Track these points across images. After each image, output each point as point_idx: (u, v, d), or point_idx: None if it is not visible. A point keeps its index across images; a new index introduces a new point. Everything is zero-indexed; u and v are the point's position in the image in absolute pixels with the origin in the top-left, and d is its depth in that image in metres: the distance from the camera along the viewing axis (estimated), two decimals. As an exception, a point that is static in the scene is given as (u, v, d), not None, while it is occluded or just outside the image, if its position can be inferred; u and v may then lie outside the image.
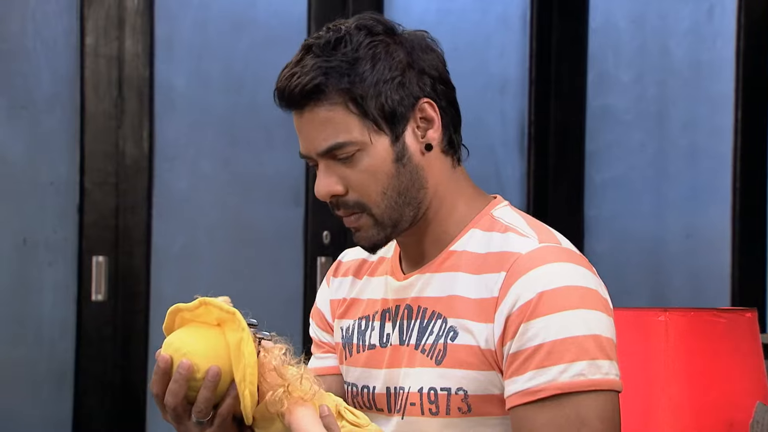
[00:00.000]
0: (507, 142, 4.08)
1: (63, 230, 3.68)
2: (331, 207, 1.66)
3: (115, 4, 3.69)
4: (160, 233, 3.75)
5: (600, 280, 1.64)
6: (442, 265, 1.66)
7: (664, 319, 1.86)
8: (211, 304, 1.51)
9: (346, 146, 1.62)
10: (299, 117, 1.64)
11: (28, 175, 3.67)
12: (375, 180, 1.62)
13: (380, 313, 1.70)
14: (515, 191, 4.07)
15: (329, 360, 1.79)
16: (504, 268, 1.60)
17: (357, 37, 1.62)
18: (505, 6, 4.08)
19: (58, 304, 3.69)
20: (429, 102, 1.65)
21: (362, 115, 1.62)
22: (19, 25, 3.67)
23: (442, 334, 1.62)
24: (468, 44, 4.03)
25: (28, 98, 3.67)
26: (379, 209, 1.63)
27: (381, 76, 1.61)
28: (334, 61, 1.61)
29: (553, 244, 1.61)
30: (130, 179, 3.71)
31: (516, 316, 1.57)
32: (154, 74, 3.73)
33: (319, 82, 1.60)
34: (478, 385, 1.59)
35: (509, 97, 4.08)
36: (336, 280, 1.80)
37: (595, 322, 1.56)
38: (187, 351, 1.49)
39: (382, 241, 1.66)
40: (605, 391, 1.55)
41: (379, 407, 1.68)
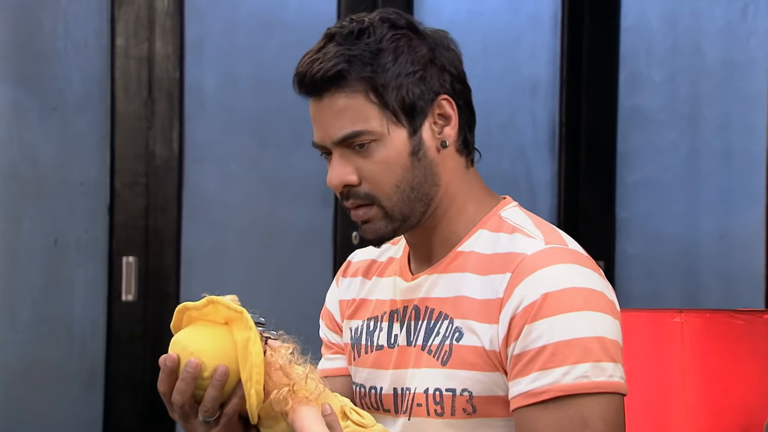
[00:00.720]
0: (538, 143, 4.07)
1: (93, 231, 3.71)
2: (340, 198, 1.66)
3: (145, 5, 3.72)
4: (190, 234, 3.77)
5: (607, 282, 1.63)
6: (449, 266, 1.66)
7: (680, 320, 1.86)
8: (219, 303, 1.52)
9: (364, 135, 1.62)
10: (317, 104, 1.64)
11: (59, 176, 3.70)
12: (389, 172, 1.62)
13: (388, 314, 1.71)
14: (546, 193, 4.06)
15: (338, 361, 1.79)
16: (509, 268, 1.60)
17: (380, 29, 1.63)
18: (536, 6, 4.07)
19: (89, 304, 3.72)
20: (447, 99, 1.65)
21: (382, 105, 1.62)
22: (51, 26, 3.70)
23: (449, 335, 1.63)
24: (498, 45, 4.03)
25: (59, 99, 3.70)
26: (391, 202, 1.63)
27: (403, 68, 1.61)
28: (357, 49, 1.61)
29: (559, 246, 1.61)
30: (160, 180, 3.73)
31: (520, 317, 1.57)
32: (184, 75, 3.75)
33: (342, 69, 1.60)
34: (482, 387, 1.60)
35: (540, 97, 4.08)
36: (345, 280, 1.80)
37: (600, 324, 1.56)
38: (195, 350, 1.50)
39: (389, 235, 1.65)
40: (609, 393, 1.55)
41: (386, 408, 1.69)
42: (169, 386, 1.54)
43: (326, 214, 3.85)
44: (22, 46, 3.70)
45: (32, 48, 3.70)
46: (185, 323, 1.55)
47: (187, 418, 1.55)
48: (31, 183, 3.69)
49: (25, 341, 3.68)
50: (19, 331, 3.68)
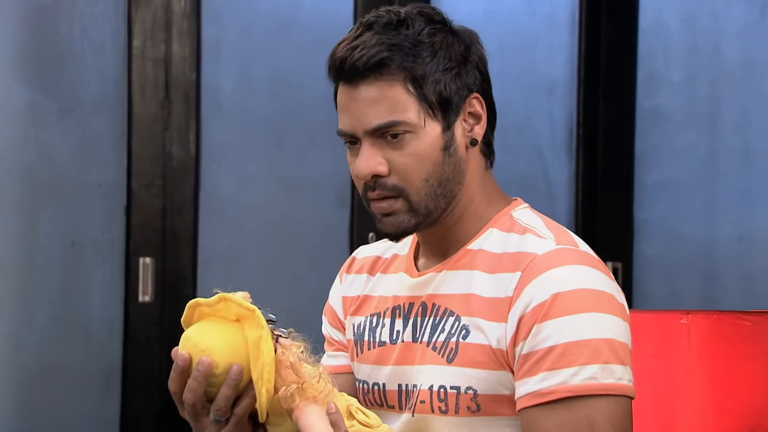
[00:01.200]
0: (555, 144, 4.07)
1: (110, 232, 3.73)
2: (364, 188, 1.65)
3: (162, 7, 3.73)
4: (207, 235, 3.79)
5: (617, 285, 1.64)
6: (457, 263, 1.67)
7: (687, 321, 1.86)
8: (231, 301, 1.52)
9: (399, 125, 1.62)
10: (352, 90, 1.63)
11: (77, 177, 3.72)
12: (421, 165, 1.62)
13: (391, 310, 1.72)
14: (563, 193, 4.06)
15: (340, 358, 1.80)
16: (519, 268, 1.61)
17: (418, 22, 1.64)
18: (553, 6, 4.07)
19: (106, 304, 3.74)
20: (478, 98, 1.67)
21: (420, 97, 1.62)
22: (68, 28, 3.72)
23: (455, 332, 1.63)
24: (516, 45, 4.03)
25: (77, 101, 3.73)
26: (419, 196, 1.63)
27: (440, 64, 1.62)
28: (397, 39, 1.61)
29: (570, 247, 1.62)
30: (177, 181, 3.75)
31: (529, 316, 1.57)
32: (200, 77, 3.77)
33: (385, 57, 1.60)
34: (487, 385, 1.60)
35: (557, 98, 4.07)
36: (349, 276, 1.81)
37: (609, 326, 1.56)
38: (206, 347, 1.51)
39: (411, 229, 1.65)
40: (617, 396, 1.55)
41: (390, 404, 1.70)
42: (180, 385, 1.54)
43: (342, 215, 3.86)
44: (39, 48, 3.73)
45: (50, 49, 3.72)
46: (196, 319, 1.56)
47: (197, 417, 1.55)
48: (48, 184, 3.72)
49: (43, 342, 3.71)
50: (37, 332, 3.70)
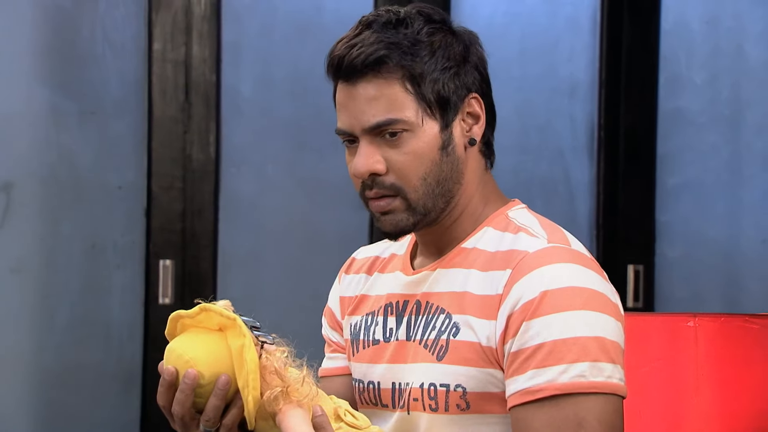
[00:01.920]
0: (576, 146, 4.07)
1: (131, 234, 3.76)
2: (362, 187, 1.66)
3: (182, 9, 3.76)
4: (227, 237, 3.81)
5: (611, 285, 1.64)
6: (451, 261, 1.68)
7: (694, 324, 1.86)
8: (211, 311, 1.54)
9: (397, 124, 1.63)
10: (350, 89, 1.64)
11: (97, 180, 3.75)
12: (418, 164, 1.63)
13: (383, 308, 1.73)
14: (585, 196, 4.06)
15: (338, 360, 1.81)
16: (510, 265, 1.61)
17: (417, 21, 1.65)
18: (575, 8, 4.07)
19: (126, 307, 3.77)
20: (477, 98, 1.67)
21: (418, 95, 1.63)
22: (89, 31, 3.76)
23: (445, 329, 1.64)
24: (536, 47, 4.03)
25: (97, 103, 3.76)
26: (416, 194, 1.64)
27: (439, 63, 1.64)
28: (396, 38, 1.62)
29: (562, 245, 1.63)
30: (197, 183, 3.77)
31: (518, 314, 1.58)
32: (220, 79, 3.79)
33: (383, 55, 1.61)
34: (476, 383, 1.61)
35: (579, 100, 4.07)
36: (348, 277, 1.82)
37: (599, 325, 1.56)
38: (190, 357, 1.52)
39: (409, 228, 1.66)
40: (607, 394, 1.55)
41: (384, 403, 1.71)
42: (168, 399, 1.56)
43: (362, 217, 3.87)
44: (60, 51, 3.76)
45: (71, 52, 3.75)
46: (179, 331, 1.57)
47: (187, 429, 1.57)
48: (69, 186, 3.75)
49: (64, 344, 3.74)
50: (58, 334, 3.73)
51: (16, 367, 3.73)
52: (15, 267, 3.74)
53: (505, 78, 3.97)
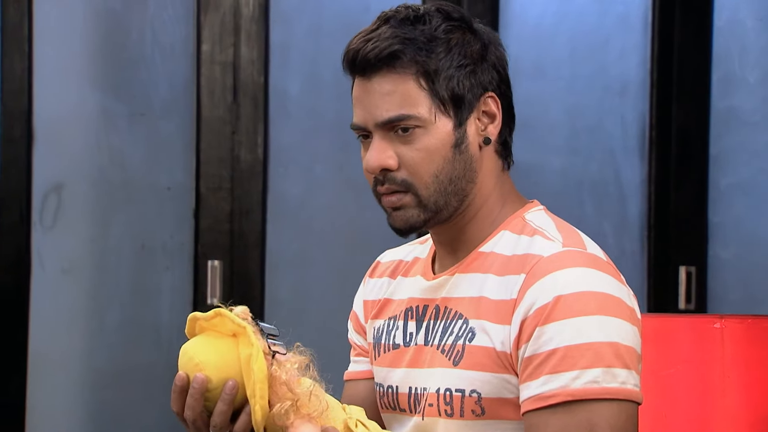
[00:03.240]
0: (627, 147, 4.05)
1: (179, 235, 3.81)
2: (374, 183, 1.67)
3: (230, 11, 3.80)
4: (274, 237, 3.84)
5: (628, 289, 1.63)
6: (469, 266, 1.68)
7: (720, 326, 1.85)
8: (225, 316, 1.56)
9: (410, 119, 1.63)
10: (365, 83, 1.65)
11: (147, 181, 3.80)
12: (430, 161, 1.63)
13: (404, 312, 1.73)
14: (635, 196, 4.04)
15: (362, 364, 1.82)
16: (524, 270, 1.61)
17: (435, 18, 1.65)
18: (626, 6, 4.05)
19: (175, 307, 3.82)
20: (494, 97, 1.67)
21: (431, 92, 1.63)
22: (139, 33, 3.81)
23: (462, 334, 1.64)
24: (587, 47, 4.02)
25: (147, 105, 3.81)
26: (428, 191, 1.64)
27: (455, 60, 1.64)
28: (412, 34, 1.63)
29: (577, 249, 1.62)
30: (245, 184, 3.81)
31: (532, 319, 1.57)
32: (268, 80, 3.83)
33: (397, 50, 1.62)
34: (491, 388, 1.61)
35: (629, 99, 4.06)
36: (372, 280, 1.83)
37: (614, 330, 1.55)
38: (200, 360, 1.55)
39: (419, 225, 1.66)
40: (620, 400, 1.54)
41: (402, 407, 1.71)
42: (180, 404, 1.57)
43: (410, 218, 3.88)
44: (111, 53, 3.82)
45: (121, 55, 3.81)
46: (197, 332, 1.60)
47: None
48: (119, 188, 3.80)
49: (114, 344, 3.79)
50: (108, 335, 3.79)
51: (68, 368, 3.80)
52: (66, 268, 3.80)
53: (554, 78, 3.97)
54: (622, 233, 4.02)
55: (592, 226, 3.96)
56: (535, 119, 3.95)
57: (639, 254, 4.01)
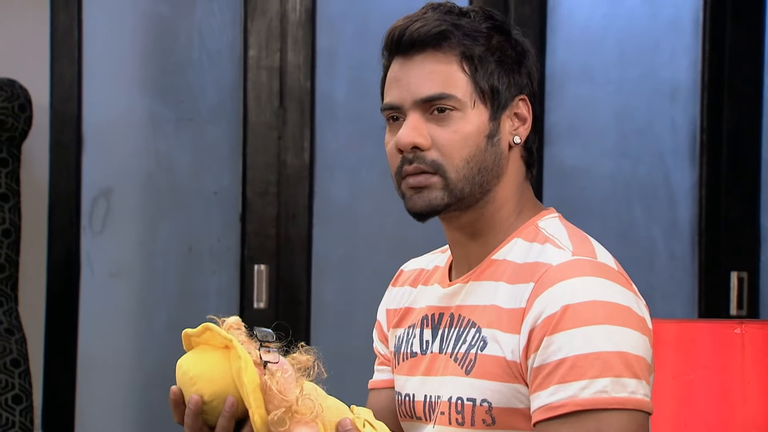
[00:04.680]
0: (677, 150, 4.04)
1: (226, 239, 3.85)
2: (401, 162, 1.67)
3: (277, 16, 3.84)
4: (321, 242, 3.87)
5: (639, 298, 1.63)
6: (482, 274, 1.69)
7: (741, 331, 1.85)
8: (213, 331, 1.59)
9: (450, 100, 1.65)
10: (407, 62, 1.67)
11: (194, 185, 3.85)
12: (464, 145, 1.65)
13: (420, 321, 1.75)
14: (686, 201, 4.02)
15: (385, 373, 1.84)
16: (533, 278, 1.62)
17: (479, 17, 1.69)
18: (676, 8, 4.04)
19: (221, 311, 3.80)
20: (526, 101, 1.69)
21: (473, 78, 1.66)
22: (186, 38, 3.86)
23: (475, 343, 1.65)
24: (636, 49, 4.01)
25: (194, 110, 3.86)
26: (457, 175, 1.65)
27: (495, 55, 1.67)
28: (459, 21, 1.67)
29: (587, 258, 1.62)
30: (291, 189, 3.85)
31: (540, 328, 1.58)
32: (315, 85, 3.86)
33: (446, 29, 1.65)
34: (501, 398, 1.61)
35: (680, 103, 4.04)
36: (394, 289, 1.85)
37: (623, 339, 1.56)
38: (194, 375, 1.59)
39: (441, 208, 1.67)
40: (630, 410, 1.54)
41: (417, 415, 1.73)
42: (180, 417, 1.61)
43: (456, 223, 3.89)
44: (159, 59, 3.88)
45: (169, 60, 3.86)
46: (193, 345, 1.63)
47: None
48: (166, 192, 3.86)
49: (162, 347, 3.84)
50: (155, 337, 3.84)
51: (116, 370, 3.85)
52: (115, 271, 3.86)
53: (603, 81, 3.96)
54: (672, 238, 4.00)
55: (641, 230, 3.95)
56: (583, 123, 3.95)
57: (689, 259, 3.99)
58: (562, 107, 3.94)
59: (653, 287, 3.96)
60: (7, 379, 3.64)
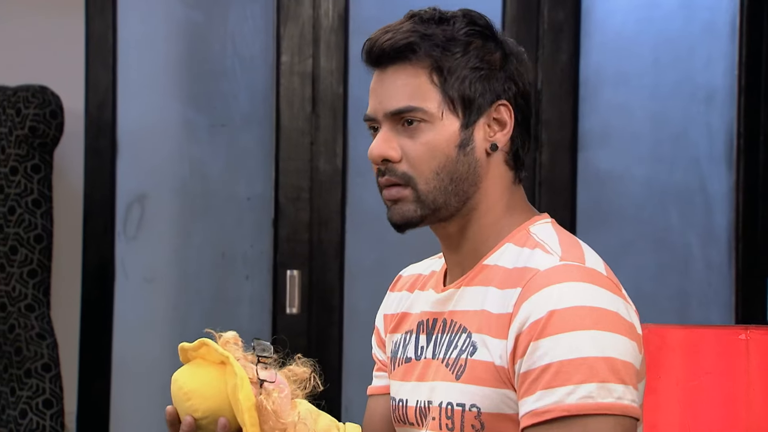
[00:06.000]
0: (713, 155, 4.02)
1: (259, 244, 3.88)
2: (376, 174, 1.71)
3: (309, 22, 3.87)
4: (353, 247, 3.89)
5: (628, 303, 1.63)
6: (474, 279, 1.70)
7: (745, 337, 1.84)
8: (210, 346, 1.61)
9: (417, 112, 1.66)
10: (381, 74, 1.71)
11: (227, 191, 3.89)
12: (432, 157, 1.66)
13: (416, 326, 1.76)
14: (723, 206, 4.01)
15: (382, 379, 1.85)
16: (521, 283, 1.63)
17: (460, 22, 1.70)
18: (712, 13, 4.02)
19: (255, 316, 3.89)
20: (506, 106, 1.70)
21: (442, 89, 1.66)
22: (220, 45, 3.90)
23: (465, 348, 1.66)
24: (671, 54, 4.00)
25: (227, 116, 3.90)
26: (427, 187, 1.67)
27: (470, 62, 1.67)
28: (432, 31, 1.67)
29: (574, 263, 1.63)
30: (324, 194, 3.87)
31: (526, 334, 1.59)
32: (347, 90, 3.88)
33: (413, 41, 1.67)
34: (490, 403, 1.62)
35: (716, 108, 4.02)
36: (392, 294, 1.87)
37: (609, 345, 1.56)
38: (188, 390, 1.62)
39: (416, 220, 1.69)
40: (617, 415, 1.54)
41: (410, 421, 1.74)
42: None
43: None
44: (192, 65, 3.92)
45: (202, 66, 3.91)
46: (191, 358, 1.65)
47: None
48: (200, 198, 3.89)
49: (195, 352, 3.88)
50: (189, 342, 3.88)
51: (151, 375, 3.90)
52: (149, 276, 3.91)
53: (637, 86, 3.95)
54: (708, 244, 3.98)
55: (677, 237, 3.94)
56: (618, 128, 3.94)
57: (726, 266, 3.97)
58: (596, 112, 3.94)
59: (689, 294, 3.95)
60: (38, 383, 3.69)
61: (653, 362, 1.82)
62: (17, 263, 3.76)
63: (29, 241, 3.78)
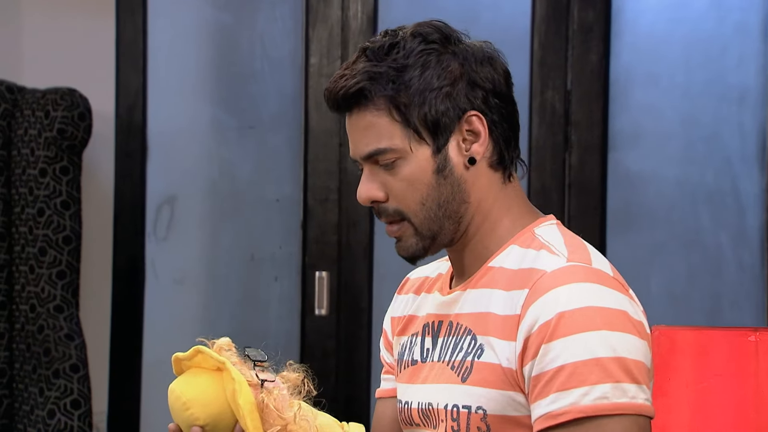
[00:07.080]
0: (745, 156, 4.00)
1: (288, 246, 3.90)
2: (375, 214, 1.74)
3: (338, 24, 3.89)
4: (382, 248, 3.90)
5: (636, 303, 1.64)
6: (479, 281, 1.71)
7: (755, 339, 1.84)
8: (205, 353, 1.62)
9: (387, 153, 1.67)
10: (348, 118, 1.71)
11: (256, 193, 3.91)
12: (413, 189, 1.67)
13: (422, 329, 1.77)
14: (755, 208, 3.99)
15: (390, 382, 1.87)
16: (527, 285, 1.63)
17: (411, 44, 1.69)
18: (743, 12, 4.01)
19: (283, 317, 3.91)
20: (477, 115, 1.68)
21: (405, 123, 1.67)
22: (249, 48, 3.93)
23: (471, 351, 1.67)
24: (702, 54, 3.98)
25: (256, 118, 3.92)
26: (418, 219, 1.68)
27: (428, 84, 1.66)
28: (383, 66, 1.67)
29: (581, 264, 1.63)
30: (352, 196, 3.88)
31: (535, 336, 1.60)
32: (376, 92, 3.89)
33: (363, 87, 1.67)
34: (496, 405, 1.63)
35: (748, 108, 4.01)
36: (399, 297, 1.88)
37: (621, 345, 1.57)
38: (187, 399, 1.63)
39: (420, 252, 1.71)
40: (632, 415, 1.55)
41: (416, 423, 1.75)
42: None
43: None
44: (222, 67, 3.95)
45: (231, 69, 3.94)
46: (184, 368, 1.66)
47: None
48: (229, 199, 3.92)
49: (225, 353, 3.91)
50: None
51: (181, 375, 3.93)
52: (178, 278, 3.94)
53: (668, 86, 3.94)
54: (740, 245, 3.96)
55: (708, 238, 3.93)
56: (649, 128, 3.94)
57: (759, 267, 3.95)
58: (626, 112, 3.93)
59: (721, 296, 3.93)
60: (66, 384, 3.73)
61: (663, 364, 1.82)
62: (46, 264, 3.80)
63: (58, 243, 3.82)
